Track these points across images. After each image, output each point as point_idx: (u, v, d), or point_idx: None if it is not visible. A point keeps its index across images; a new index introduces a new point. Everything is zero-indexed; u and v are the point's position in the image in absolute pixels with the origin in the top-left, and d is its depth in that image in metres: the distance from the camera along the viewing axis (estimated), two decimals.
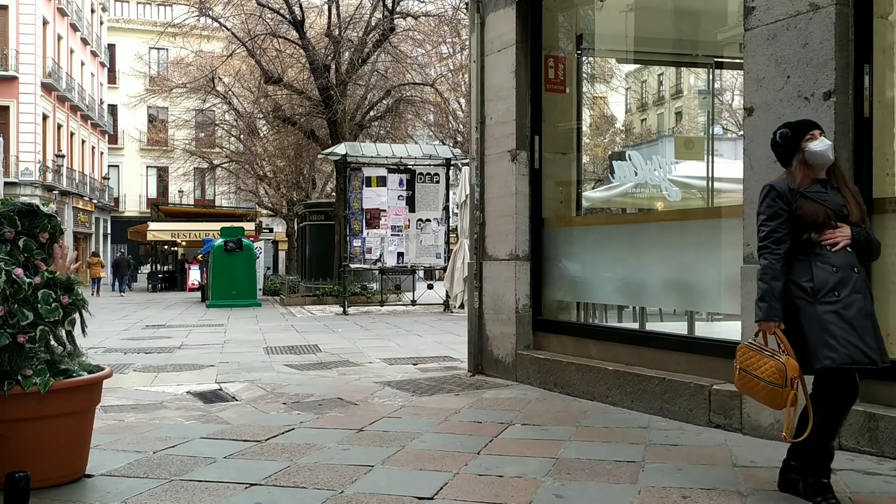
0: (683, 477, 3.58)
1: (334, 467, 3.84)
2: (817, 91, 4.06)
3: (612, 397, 5.34)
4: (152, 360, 8.41)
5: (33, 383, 3.38)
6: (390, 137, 23.52)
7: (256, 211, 37.25)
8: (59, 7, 35.18)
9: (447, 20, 21.37)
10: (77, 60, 38.69)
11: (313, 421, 5.02)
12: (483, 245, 6.87)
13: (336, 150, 16.71)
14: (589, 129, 7.15)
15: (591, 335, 5.99)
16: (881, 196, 4.03)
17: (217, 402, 5.78)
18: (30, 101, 32.30)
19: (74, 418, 3.63)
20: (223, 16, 22.24)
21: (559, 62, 6.61)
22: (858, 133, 4.04)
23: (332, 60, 20.62)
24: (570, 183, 6.86)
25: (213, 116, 31.77)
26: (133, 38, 43.37)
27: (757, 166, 4.34)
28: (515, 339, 6.42)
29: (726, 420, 4.51)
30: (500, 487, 3.50)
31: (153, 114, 44.21)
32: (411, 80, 23.56)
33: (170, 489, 3.52)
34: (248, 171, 32.82)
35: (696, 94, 8.74)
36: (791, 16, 4.18)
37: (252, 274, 20.72)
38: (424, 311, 16.17)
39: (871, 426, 3.85)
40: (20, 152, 31.90)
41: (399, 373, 7.22)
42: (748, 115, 4.41)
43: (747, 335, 4.39)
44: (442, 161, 16.70)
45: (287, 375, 7.22)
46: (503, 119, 6.57)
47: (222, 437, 4.55)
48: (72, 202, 36.82)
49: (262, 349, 9.45)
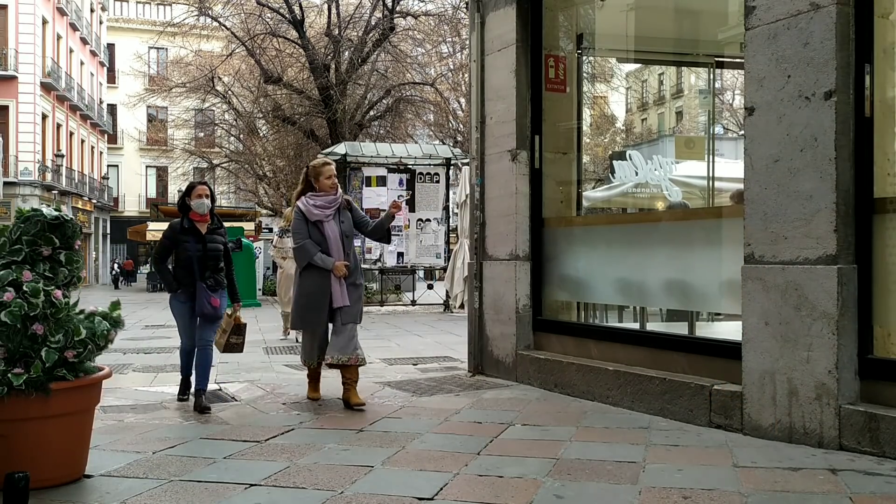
0: (684, 477, 3.57)
1: (334, 468, 3.84)
2: (818, 91, 4.05)
3: (613, 397, 5.33)
4: (152, 360, 8.41)
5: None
6: (390, 137, 23.51)
7: (256, 211, 37.21)
8: (58, 6, 35.18)
9: (447, 19, 21.37)
10: (76, 60, 38.69)
11: (313, 421, 5.01)
12: (483, 245, 6.86)
13: (336, 149, 16.69)
14: (589, 128, 7.15)
15: (592, 335, 5.99)
16: (881, 196, 4.02)
17: (217, 402, 5.76)
18: (29, 100, 32.30)
19: (74, 418, 3.62)
20: (223, 15, 22.24)
21: (559, 62, 6.60)
22: (859, 133, 4.04)
23: (332, 60, 20.62)
24: (571, 183, 6.86)
25: (213, 116, 31.72)
26: (132, 37, 43.34)
27: (758, 166, 4.33)
28: (515, 339, 6.41)
29: (727, 420, 4.50)
30: (500, 488, 3.50)
31: (152, 113, 44.18)
32: (411, 79, 23.56)
33: (169, 489, 3.51)
34: (248, 170, 32.79)
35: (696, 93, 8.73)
36: (792, 15, 4.17)
37: (252, 274, 20.70)
38: (424, 312, 16.16)
39: (871, 426, 3.84)
40: (19, 152, 31.89)
41: (399, 373, 7.21)
42: (749, 115, 4.41)
43: (748, 335, 4.39)
44: (442, 161, 16.69)
45: (287, 375, 7.21)
46: (503, 119, 6.56)
47: (222, 438, 4.54)
48: (71, 202, 36.81)
49: (261, 349, 9.44)
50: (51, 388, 3.43)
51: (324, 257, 5.44)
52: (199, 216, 5.61)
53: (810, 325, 4.05)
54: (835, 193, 3.98)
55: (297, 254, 5.56)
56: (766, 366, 4.26)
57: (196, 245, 5.53)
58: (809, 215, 4.08)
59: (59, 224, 3.66)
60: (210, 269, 5.57)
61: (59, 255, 3.65)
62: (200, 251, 5.52)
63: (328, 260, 5.45)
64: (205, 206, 5.60)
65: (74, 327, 3.55)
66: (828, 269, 3.99)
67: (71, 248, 3.70)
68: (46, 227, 3.62)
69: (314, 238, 5.49)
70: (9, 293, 3.45)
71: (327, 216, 5.51)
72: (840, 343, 3.96)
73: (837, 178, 3.98)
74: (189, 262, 5.51)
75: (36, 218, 3.62)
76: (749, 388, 4.36)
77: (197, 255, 5.50)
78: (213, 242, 5.62)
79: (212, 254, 5.58)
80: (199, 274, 5.50)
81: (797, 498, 3.30)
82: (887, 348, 4.10)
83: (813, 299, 4.04)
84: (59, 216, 3.68)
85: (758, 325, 4.32)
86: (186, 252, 5.53)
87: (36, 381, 3.39)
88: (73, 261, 3.68)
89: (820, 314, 4.01)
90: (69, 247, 3.70)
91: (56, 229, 3.65)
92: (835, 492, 3.35)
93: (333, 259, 5.46)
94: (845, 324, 3.97)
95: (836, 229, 3.98)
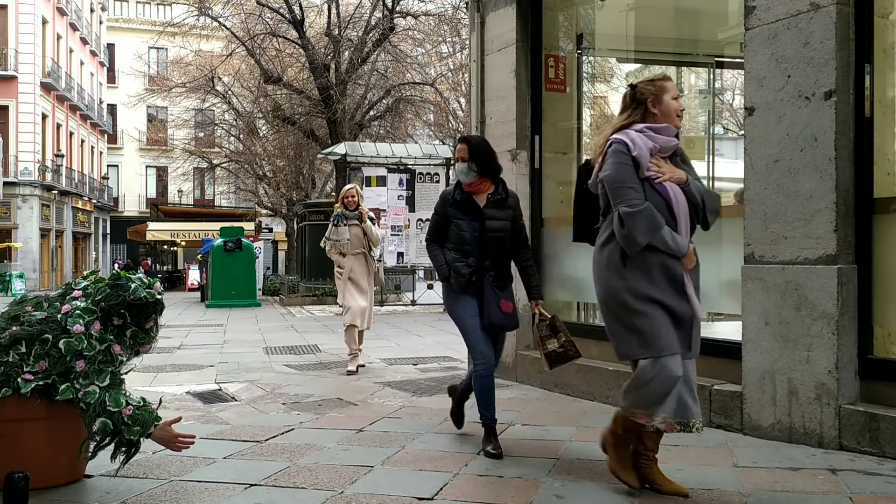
0: (684, 477, 3.57)
1: (334, 467, 3.84)
2: (818, 90, 4.05)
3: (613, 397, 5.32)
4: (152, 360, 8.40)
5: None
6: (390, 137, 23.52)
7: (256, 211, 37.25)
8: (58, 6, 35.19)
9: (447, 19, 21.37)
10: (76, 60, 38.70)
11: (313, 421, 5.01)
12: None
13: (336, 149, 16.71)
14: (589, 128, 7.14)
15: (592, 335, 5.97)
16: (881, 196, 4.02)
17: (216, 402, 5.77)
18: (29, 100, 32.31)
19: (75, 419, 3.61)
20: (223, 15, 22.25)
21: (559, 62, 6.60)
22: (859, 133, 4.04)
23: (332, 60, 20.62)
24: (571, 183, 6.81)
25: (213, 116, 31.75)
26: (132, 37, 43.34)
27: (758, 166, 4.33)
28: (515, 339, 6.40)
29: (727, 420, 4.50)
30: (500, 488, 3.50)
31: (152, 113, 44.19)
32: (411, 79, 23.57)
33: (169, 490, 3.51)
34: (248, 170, 32.81)
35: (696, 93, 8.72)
36: (792, 15, 4.17)
37: (251, 274, 20.71)
38: (424, 311, 16.15)
39: (871, 426, 3.84)
40: (19, 152, 31.90)
41: (399, 373, 7.21)
42: (749, 115, 4.41)
43: (748, 335, 4.39)
44: (442, 161, 16.70)
45: (287, 376, 7.21)
46: (503, 119, 6.56)
47: (222, 438, 4.54)
48: (71, 202, 36.83)
49: (261, 349, 9.44)
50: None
51: (675, 235, 3.23)
52: (470, 184, 4.21)
53: (810, 325, 4.05)
54: (835, 193, 3.98)
55: (636, 223, 3.18)
56: (766, 366, 4.26)
57: (471, 224, 4.18)
58: (809, 215, 4.08)
59: (139, 305, 3.66)
60: (492, 257, 4.16)
61: (127, 329, 3.68)
62: (477, 232, 4.15)
63: (682, 241, 3.25)
64: (467, 172, 4.20)
65: (120, 398, 3.42)
66: (828, 269, 3.99)
67: (140, 327, 3.71)
68: (125, 304, 3.63)
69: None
70: (79, 326, 3.48)
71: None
72: (840, 343, 3.96)
73: (837, 178, 3.98)
74: (464, 246, 4.18)
75: (119, 291, 3.63)
76: (749, 387, 4.36)
77: (473, 237, 4.15)
78: (493, 220, 4.18)
79: (492, 236, 4.16)
80: (479, 264, 4.14)
81: (797, 498, 3.30)
82: (887, 348, 4.10)
83: (813, 299, 4.04)
84: (144, 297, 3.65)
85: (758, 324, 4.32)
86: (459, 233, 4.19)
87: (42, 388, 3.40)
88: (136, 337, 3.71)
89: (820, 314, 4.01)
90: (139, 326, 3.71)
91: (133, 307, 3.66)
92: (835, 492, 3.35)
93: (686, 241, 3.29)
94: (845, 324, 3.97)
95: (835, 229, 3.98)
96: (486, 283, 4.10)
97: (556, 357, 4.14)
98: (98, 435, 3.36)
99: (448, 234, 4.23)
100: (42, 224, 33.42)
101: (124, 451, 3.43)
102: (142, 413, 3.43)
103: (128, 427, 3.37)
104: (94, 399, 3.37)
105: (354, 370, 7.19)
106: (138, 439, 3.43)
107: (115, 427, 3.36)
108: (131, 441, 3.41)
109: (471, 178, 4.19)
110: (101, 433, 3.36)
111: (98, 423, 3.35)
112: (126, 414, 3.38)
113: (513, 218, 4.23)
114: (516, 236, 4.25)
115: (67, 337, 3.45)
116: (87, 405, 3.37)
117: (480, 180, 4.19)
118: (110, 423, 3.35)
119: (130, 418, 3.38)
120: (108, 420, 3.35)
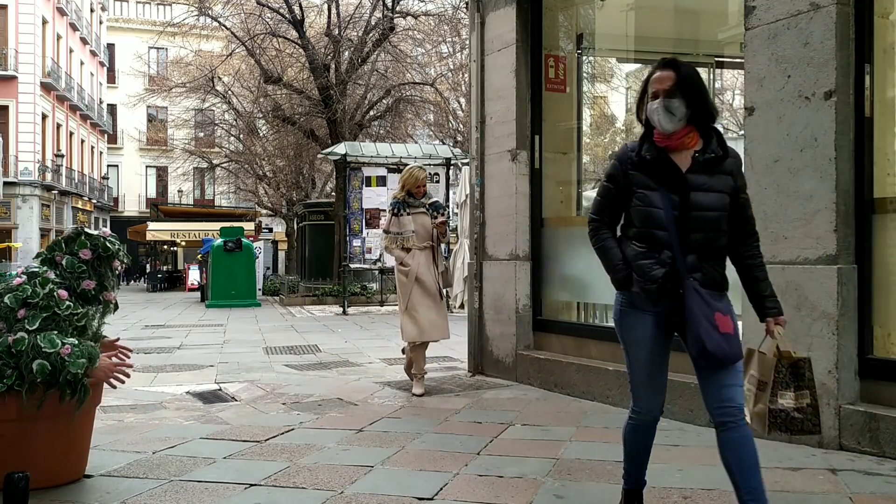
0: (684, 477, 3.57)
1: (334, 468, 3.84)
2: (818, 90, 4.05)
3: (613, 397, 5.33)
4: (152, 360, 8.40)
5: None
6: (390, 137, 23.50)
7: (256, 211, 37.24)
8: (58, 6, 35.18)
9: (447, 19, 21.37)
10: (76, 60, 38.69)
11: (313, 421, 5.01)
12: (483, 245, 6.86)
13: (336, 149, 16.68)
14: (589, 128, 7.15)
15: (592, 335, 5.98)
16: (881, 196, 4.03)
17: (217, 402, 5.77)
18: (29, 100, 32.29)
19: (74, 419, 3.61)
20: (223, 15, 22.24)
21: (559, 62, 6.60)
22: (859, 133, 4.04)
23: (332, 60, 20.61)
24: (571, 183, 6.86)
25: (213, 116, 31.74)
26: (132, 37, 43.34)
27: (758, 166, 4.33)
28: (515, 339, 6.41)
29: None
30: (500, 488, 3.50)
31: (152, 113, 44.20)
32: (411, 79, 23.56)
33: (169, 489, 3.51)
34: (248, 170, 32.81)
35: None
36: (792, 15, 4.17)
37: (251, 274, 20.70)
38: None
39: (871, 426, 3.84)
40: (19, 152, 31.89)
41: (399, 373, 7.21)
42: (749, 115, 4.41)
43: (747, 335, 4.39)
44: (442, 161, 16.68)
45: (287, 376, 7.21)
46: (503, 119, 6.56)
47: (222, 438, 4.54)
48: (71, 202, 36.82)
49: (261, 349, 9.44)
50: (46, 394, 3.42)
51: None
52: (671, 135, 2.72)
53: (810, 325, 4.05)
54: (834, 193, 3.98)
55: None
56: None
57: (668, 197, 2.72)
58: (809, 215, 4.08)
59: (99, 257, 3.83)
60: (700, 249, 2.73)
61: (62, 259, 3.76)
62: (677, 210, 2.70)
63: None
64: (674, 112, 2.68)
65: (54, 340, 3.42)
66: (828, 269, 3.99)
67: (74, 255, 3.78)
68: (64, 240, 3.84)
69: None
70: (20, 279, 3.55)
71: None
72: (840, 343, 3.96)
73: (837, 178, 3.98)
74: (655, 231, 2.74)
75: (74, 246, 3.82)
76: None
77: (670, 218, 2.70)
78: (703, 191, 2.70)
79: (701, 216, 2.70)
80: (680, 258, 2.72)
81: (797, 498, 3.30)
82: (887, 348, 4.10)
83: (813, 299, 4.04)
84: (78, 228, 3.86)
85: (758, 324, 4.31)
86: (648, 211, 2.75)
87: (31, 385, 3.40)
88: (72, 265, 3.72)
89: (820, 314, 4.01)
90: (73, 253, 3.78)
91: (72, 242, 3.80)
92: (835, 492, 3.35)
93: None
94: (845, 324, 3.97)
95: (835, 229, 3.98)
96: (691, 290, 2.70)
97: (786, 421, 2.79)
98: (38, 377, 3.34)
99: (628, 212, 2.84)
100: (42, 224, 33.41)
101: (70, 392, 3.41)
102: (82, 349, 3.45)
103: (72, 362, 3.37)
104: (24, 345, 3.35)
105: (420, 394, 5.91)
106: (83, 379, 3.42)
107: (53, 367, 3.36)
108: (77, 377, 3.40)
109: (675, 123, 2.70)
110: (41, 374, 3.34)
111: (36, 365, 3.33)
112: (64, 353, 3.38)
113: (733, 190, 2.74)
114: (738, 218, 2.78)
115: (15, 292, 3.50)
116: (18, 352, 3.34)
117: (687, 128, 2.71)
118: (47, 364, 3.34)
119: (70, 356, 3.39)
120: (45, 361, 3.34)
